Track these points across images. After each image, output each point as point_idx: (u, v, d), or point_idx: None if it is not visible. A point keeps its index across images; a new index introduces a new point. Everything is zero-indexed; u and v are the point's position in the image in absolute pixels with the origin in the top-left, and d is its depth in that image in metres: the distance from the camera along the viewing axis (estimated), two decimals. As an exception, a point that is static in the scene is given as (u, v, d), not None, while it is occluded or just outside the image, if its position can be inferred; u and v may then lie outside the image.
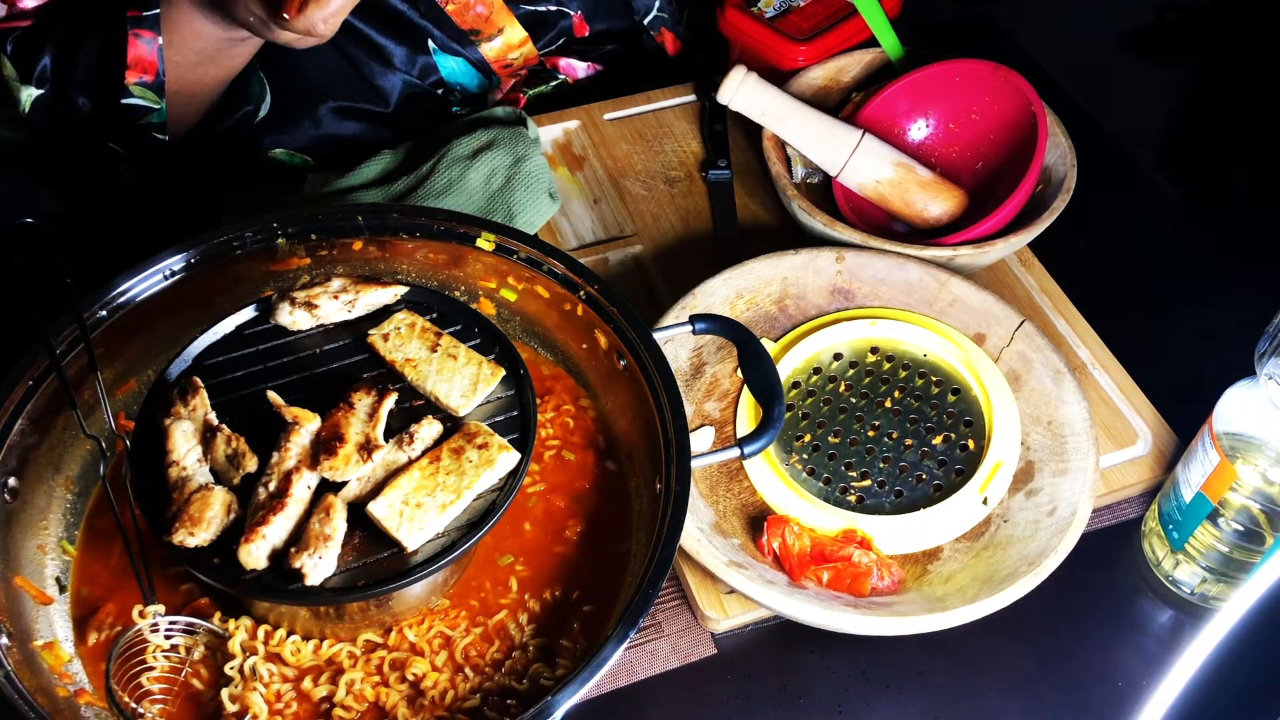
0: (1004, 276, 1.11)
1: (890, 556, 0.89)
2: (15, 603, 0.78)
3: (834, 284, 1.02)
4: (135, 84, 1.04)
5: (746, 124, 1.18)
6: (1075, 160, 1.06)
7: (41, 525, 0.82)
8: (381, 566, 0.74)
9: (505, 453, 0.77)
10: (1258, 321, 0.81)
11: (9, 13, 1.05)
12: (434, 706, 0.77)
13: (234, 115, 1.14)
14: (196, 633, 0.80)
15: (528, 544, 0.86)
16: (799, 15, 1.20)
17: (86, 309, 0.83)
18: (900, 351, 0.99)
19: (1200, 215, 1.25)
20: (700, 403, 0.97)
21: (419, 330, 0.84)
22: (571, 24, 1.24)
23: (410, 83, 1.19)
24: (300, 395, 0.80)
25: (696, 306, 0.99)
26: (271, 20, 0.92)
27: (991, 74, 1.09)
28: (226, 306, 0.86)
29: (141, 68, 1.03)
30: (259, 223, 0.89)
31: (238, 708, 0.76)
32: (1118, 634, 0.90)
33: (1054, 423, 0.93)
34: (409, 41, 1.17)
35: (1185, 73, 1.49)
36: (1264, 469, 0.81)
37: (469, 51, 1.19)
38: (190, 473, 0.76)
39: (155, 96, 1.05)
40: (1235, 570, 0.86)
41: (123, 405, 0.89)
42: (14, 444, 0.79)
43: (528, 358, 0.93)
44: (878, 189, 1.08)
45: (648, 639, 0.89)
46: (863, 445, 0.94)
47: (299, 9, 0.89)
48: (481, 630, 0.82)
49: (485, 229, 0.91)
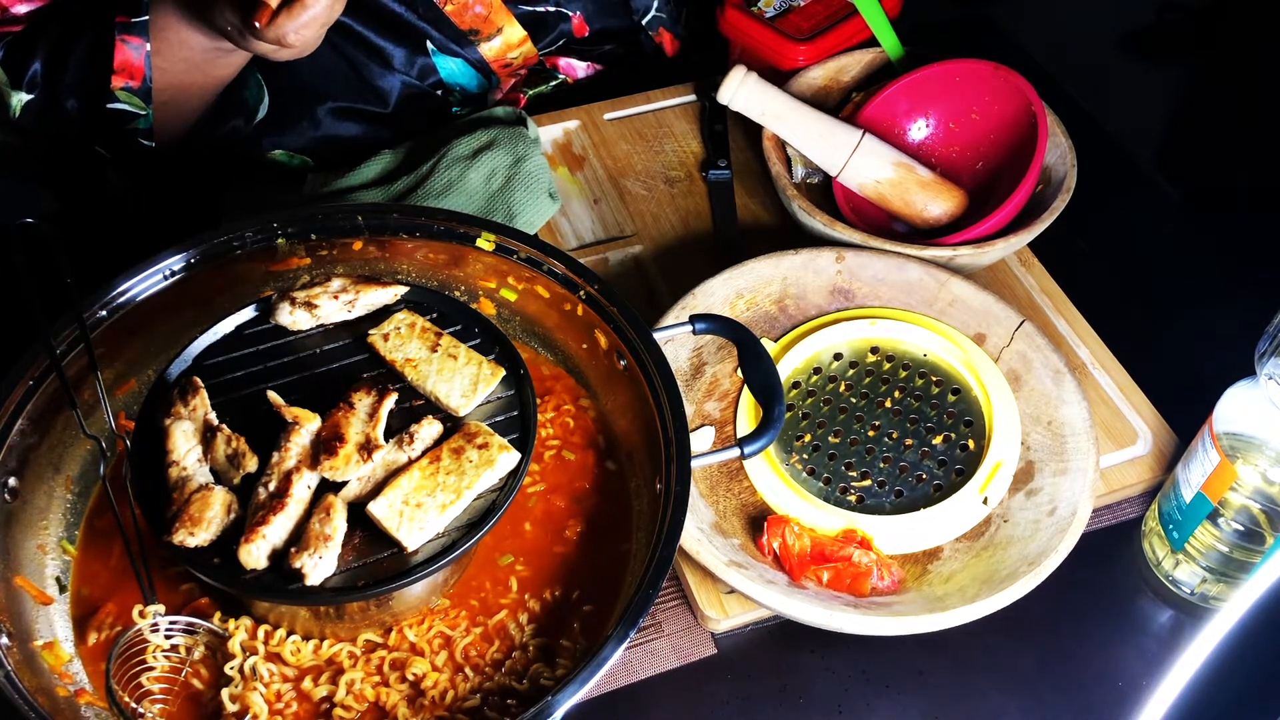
0: (1004, 276, 1.11)
1: (890, 556, 0.89)
2: (15, 603, 0.78)
3: (834, 284, 1.02)
4: (121, 89, 1.04)
5: (746, 124, 1.18)
6: (1075, 160, 1.06)
7: (41, 525, 0.82)
8: (381, 566, 0.74)
9: (505, 453, 0.77)
10: (1258, 321, 0.81)
11: (1, 18, 1.05)
12: (434, 706, 0.77)
13: (230, 121, 1.14)
14: (196, 633, 0.80)
15: (528, 544, 0.86)
16: (799, 15, 1.20)
17: (86, 309, 0.83)
18: (900, 351, 0.99)
19: (1200, 215, 1.25)
20: (700, 403, 0.97)
21: (419, 330, 0.84)
22: (571, 25, 1.24)
23: (409, 83, 1.19)
24: (300, 395, 0.80)
25: (696, 306, 0.99)
26: (245, 29, 0.92)
27: (991, 74, 1.09)
28: (226, 306, 0.86)
29: (128, 73, 1.03)
30: (259, 223, 0.89)
31: (238, 708, 0.76)
32: (1118, 634, 0.90)
33: (1054, 423, 0.93)
34: (407, 43, 1.17)
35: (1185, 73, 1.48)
36: (1264, 469, 0.81)
37: (468, 52, 1.19)
38: (190, 473, 0.76)
39: (141, 102, 1.05)
40: (1235, 570, 0.86)
41: (123, 405, 0.89)
42: (14, 444, 0.79)
43: (528, 358, 0.93)
44: (878, 189, 1.08)
45: (648, 639, 0.89)
46: (863, 445, 0.94)
47: (270, 18, 0.90)
48: (481, 630, 0.82)
49: (485, 229, 0.91)
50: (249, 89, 1.14)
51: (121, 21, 1.02)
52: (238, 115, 1.14)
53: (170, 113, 1.09)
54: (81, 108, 1.06)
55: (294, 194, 1.14)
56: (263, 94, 1.15)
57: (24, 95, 1.05)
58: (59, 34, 1.05)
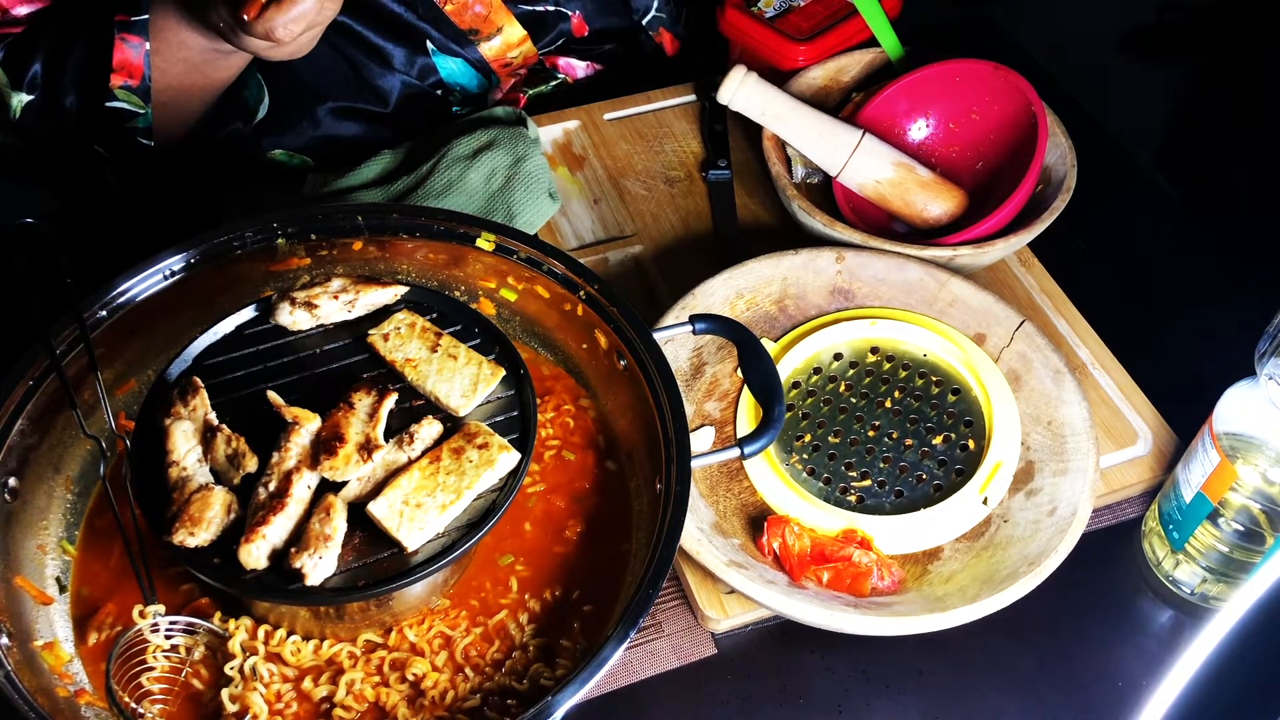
0: (1004, 276, 1.11)
1: (890, 556, 0.89)
2: (15, 603, 0.78)
3: (834, 284, 1.02)
4: (120, 88, 1.04)
5: (746, 124, 1.18)
6: (1075, 160, 1.06)
7: (41, 525, 0.82)
8: (381, 566, 0.74)
9: (505, 453, 0.77)
10: (1258, 321, 0.80)
11: (1, 19, 1.05)
12: (434, 706, 0.77)
13: (230, 123, 1.14)
14: (196, 633, 0.80)
15: (528, 544, 0.86)
16: (799, 15, 1.20)
17: (86, 309, 0.83)
18: (900, 351, 0.99)
19: (1200, 215, 1.25)
20: (700, 403, 0.97)
21: (419, 330, 0.84)
22: (571, 25, 1.24)
23: (409, 83, 1.19)
24: (300, 395, 0.80)
25: (696, 306, 0.99)
26: (235, 24, 0.92)
27: (991, 74, 1.09)
28: (226, 306, 0.86)
29: (127, 71, 1.03)
30: (259, 223, 0.89)
31: (238, 708, 0.76)
32: (1118, 634, 0.90)
33: (1054, 423, 0.93)
34: (407, 43, 1.17)
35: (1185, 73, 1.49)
36: (1264, 469, 0.81)
37: (468, 51, 1.19)
38: (190, 473, 0.76)
39: (140, 101, 1.05)
40: (1235, 570, 0.86)
41: (123, 405, 0.89)
42: (14, 444, 0.79)
43: (528, 358, 0.93)
44: (878, 189, 1.08)
45: (648, 639, 0.89)
46: (863, 445, 0.94)
47: (258, 11, 0.89)
48: (481, 630, 0.82)
49: (485, 229, 0.91)
50: (249, 89, 1.14)
51: (121, 20, 1.02)
52: (238, 116, 1.14)
53: (170, 114, 1.09)
54: (80, 105, 1.06)
55: (294, 194, 1.14)
56: (263, 94, 1.15)
57: (24, 96, 1.05)
58: (58, 34, 1.05)
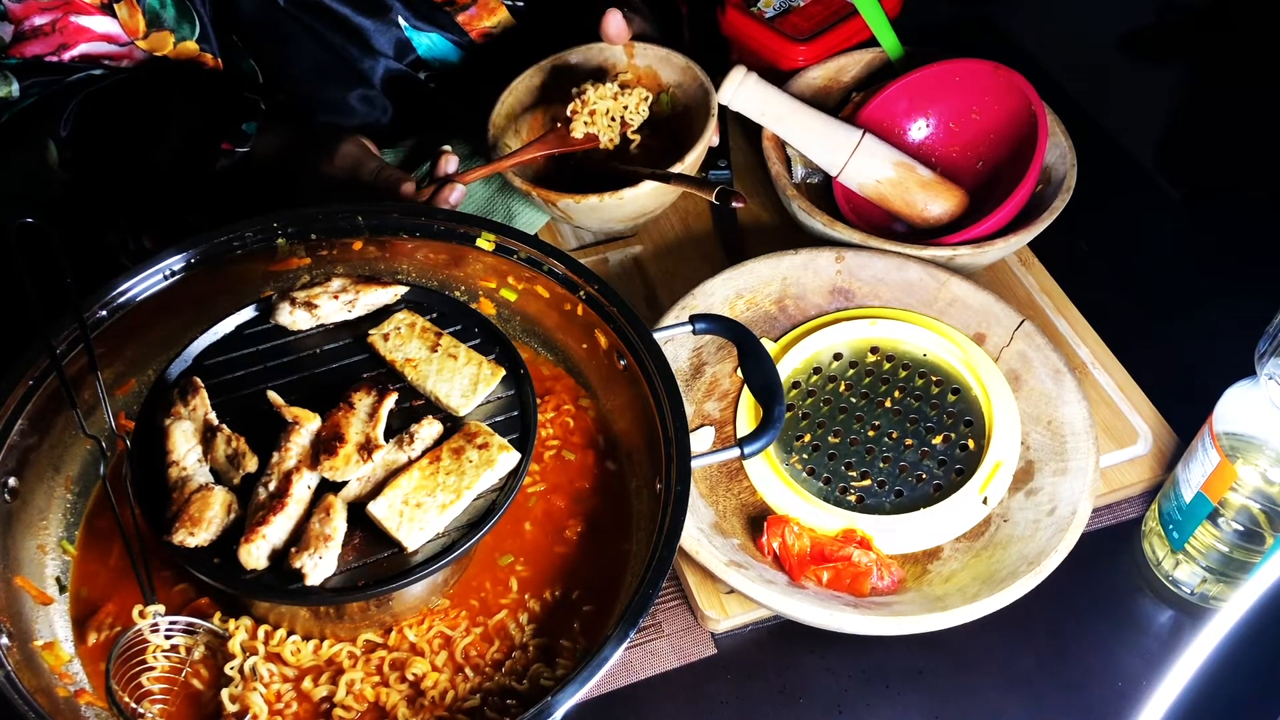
0: (1004, 276, 1.11)
1: (890, 556, 0.89)
2: (15, 603, 0.78)
3: (834, 284, 1.02)
4: None
5: (746, 124, 1.18)
6: (1075, 160, 1.06)
7: (41, 525, 0.82)
8: (381, 566, 0.74)
9: (505, 453, 0.77)
10: (1258, 321, 0.81)
11: (14, 33, 1.05)
12: (434, 706, 0.77)
13: (231, 155, 1.12)
14: (196, 633, 0.80)
15: (528, 544, 0.86)
16: (799, 15, 1.20)
17: (86, 309, 0.83)
18: (900, 351, 0.99)
19: (1200, 215, 1.25)
20: (700, 403, 0.97)
21: (419, 330, 0.84)
22: None
23: (391, 67, 1.17)
24: (300, 395, 0.80)
25: (696, 306, 0.99)
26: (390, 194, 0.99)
27: (991, 74, 1.09)
28: (226, 306, 0.86)
29: None
30: (259, 223, 0.89)
31: (238, 708, 0.76)
32: (1118, 634, 0.90)
33: (1054, 422, 0.93)
34: (379, 17, 1.16)
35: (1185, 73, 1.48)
36: (1264, 469, 0.81)
37: (442, 19, 1.17)
38: (190, 473, 0.76)
39: None
40: (1235, 570, 0.86)
41: (123, 405, 0.89)
42: (14, 444, 0.79)
43: (528, 358, 0.93)
44: (878, 189, 1.08)
45: (648, 639, 0.89)
46: (863, 445, 0.94)
47: (430, 196, 0.98)
48: (481, 630, 0.82)
49: (485, 229, 0.91)
50: (247, 124, 1.12)
51: (226, 149, 1.04)
52: (238, 145, 1.13)
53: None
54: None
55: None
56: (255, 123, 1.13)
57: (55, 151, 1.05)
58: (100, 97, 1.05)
